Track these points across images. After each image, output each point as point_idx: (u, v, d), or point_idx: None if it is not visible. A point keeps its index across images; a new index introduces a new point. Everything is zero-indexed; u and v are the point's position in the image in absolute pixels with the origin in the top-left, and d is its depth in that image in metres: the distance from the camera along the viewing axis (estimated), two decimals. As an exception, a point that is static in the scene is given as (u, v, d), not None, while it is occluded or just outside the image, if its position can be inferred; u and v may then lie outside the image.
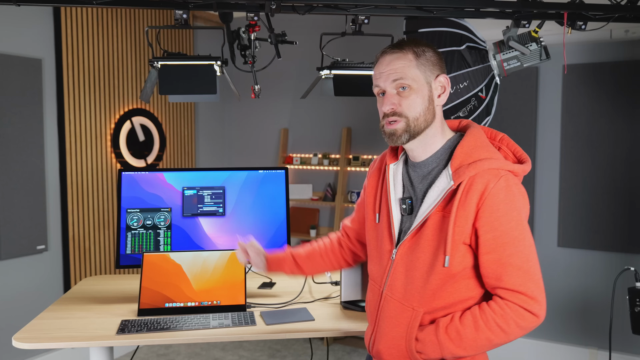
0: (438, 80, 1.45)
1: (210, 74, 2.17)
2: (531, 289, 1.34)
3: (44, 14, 3.56)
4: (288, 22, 3.04)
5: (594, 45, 3.60)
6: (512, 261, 1.34)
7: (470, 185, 1.36)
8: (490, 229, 1.34)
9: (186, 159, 4.72)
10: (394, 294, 1.47)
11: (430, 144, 1.47)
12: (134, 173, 2.28)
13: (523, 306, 1.33)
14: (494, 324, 1.35)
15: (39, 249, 3.51)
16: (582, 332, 3.74)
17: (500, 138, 1.53)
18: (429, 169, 1.47)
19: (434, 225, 1.40)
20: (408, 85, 1.41)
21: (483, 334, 1.36)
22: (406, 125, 1.42)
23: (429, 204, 1.41)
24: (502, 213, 1.34)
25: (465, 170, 1.37)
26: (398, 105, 1.42)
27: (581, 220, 3.68)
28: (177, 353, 4.09)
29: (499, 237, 1.34)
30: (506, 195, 1.35)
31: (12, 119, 3.34)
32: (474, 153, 1.41)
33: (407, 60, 1.41)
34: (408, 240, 1.44)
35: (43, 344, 1.82)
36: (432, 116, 1.45)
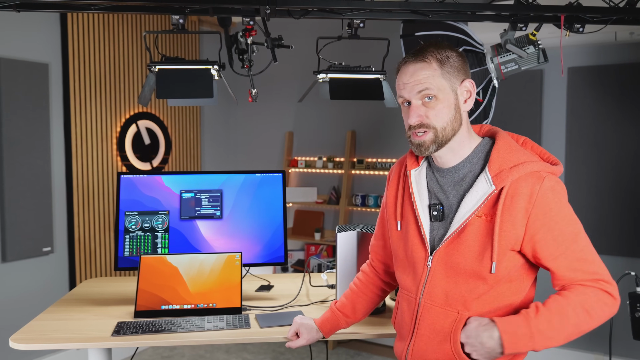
0: (463, 85, 1.42)
1: (207, 78, 2.19)
2: (604, 273, 1.35)
3: (50, 19, 3.62)
4: (286, 26, 3.07)
5: (599, 47, 3.58)
6: (578, 256, 1.35)
7: (515, 190, 1.35)
8: (548, 230, 1.34)
9: (192, 162, 4.76)
10: (435, 300, 1.43)
11: (459, 150, 1.45)
12: (132, 176, 2.31)
13: (603, 289, 1.34)
14: (580, 309, 1.33)
15: (45, 250, 3.56)
16: (586, 337, 3.69)
17: (523, 141, 1.51)
18: (461, 174, 1.44)
19: (475, 230, 1.37)
20: (434, 95, 1.38)
21: (571, 321, 1.33)
22: (434, 136, 1.40)
23: (467, 209, 1.39)
24: (554, 212, 1.35)
25: (507, 174, 1.36)
26: (425, 117, 1.39)
27: (586, 224, 3.59)
28: (181, 355, 4.11)
29: (558, 237, 1.34)
30: (554, 195, 1.35)
31: (20, 122, 3.39)
32: (512, 157, 1.39)
33: (431, 70, 1.38)
34: (445, 247, 1.41)
35: (40, 345, 1.84)
36: (459, 124, 1.42)
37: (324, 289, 2.41)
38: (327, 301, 2.26)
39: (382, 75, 2.38)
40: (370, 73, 2.37)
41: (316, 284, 2.46)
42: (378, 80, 2.38)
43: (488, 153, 1.44)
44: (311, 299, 2.28)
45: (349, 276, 2.11)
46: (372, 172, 4.43)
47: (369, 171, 4.45)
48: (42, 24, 3.57)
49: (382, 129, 4.46)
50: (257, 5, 2.03)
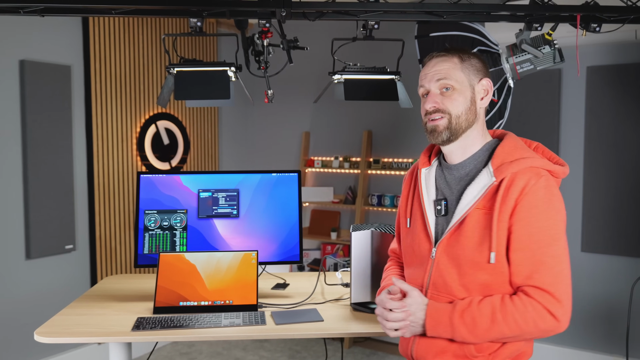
0: (481, 83, 1.50)
1: (224, 80, 2.23)
2: (559, 291, 1.33)
3: (73, 23, 3.70)
4: (301, 28, 3.10)
5: (618, 46, 3.54)
6: (545, 260, 1.34)
7: (512, 182, 1.39)
8: (526, 224, 1.36)
9: (210, 162, 4.82)
10: (440, 290, 1.47)
11: (470, 146, 1.50)
12: (151, 176, 2.36)
13: (547, 307, 1.33)
14: (511, 319, 1.34)
15: (67, 248, 3.65)
16: (605, 338, 3.67)
17: (535, 146, 1.56)
18: (466, 170, 1.50)
19: (474, 222, 1.42)
20: (451, 85, 1.46)
21: (498, 327, 1.35)
22: (448, 122, 1.46)
23: (467, 200, 1.44)
24: (540, 210, 1.36)
25: (507, 167, 1.41)
26: (441, 103, 1.46)
27: (605, 225, 3.62)
28: (199, 352, 4.17)
29: (534, 234, 1.35)
30: (545, 193, 1.37)
31: (43, 123, 3.48)
32: (515, 152, 1.44)
33: (452, 63, 1.47)
34: (447, 238, 1.46)
35: (63, 339, 1.90)
36: (473, 117, 1.49)
37: (339, 287, 2.43)
38: (341, 299, 2.28)
39: (397, 76, 2.40)
40: (385, 74, 2.39)
41: (331, 283, 2.48)
42: (393, 81, 2.39)
43: (494, 151, 1.49)
44: (326, 297, 2.31)
45: (363, 274, 2.14)
46: (388, 172, 4.45)
47: (385, 171, 4.46)
48: (64, 28, 3.65)
49: (399, 129, 4.47)
50: (273, 7, 2.07)
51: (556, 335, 3.81)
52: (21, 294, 3.42)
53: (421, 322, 1.42)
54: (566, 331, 3.93)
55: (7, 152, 3.34)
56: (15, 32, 3.37)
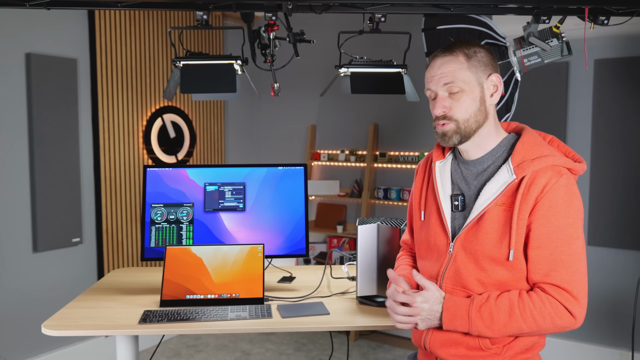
0: (490, 79, 1.47)
1: (230, 73, 2.23)
2: (577, 289, 1.35)
3: (79, 16, 3.70)
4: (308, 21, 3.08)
5: (627, 39, 3.51)
6: (563, 258, 1.35)
7: (533, 180, 1.38)
8: (546, 222, 1.36)
9: (216, 156, 4.83)
10: (455, 285, 1.47)
11: (485, 143, 1.49)
12: (158, 169, 2.36)
13: (564, 304, 1.34)
14: (529, 315, 1.35)
15: (74, 241, 3.67)
16: (612, 332, 3.66)
17: (550, 139, 1.55)
18: (484, 166, 1.49)
19: (493, 218, 1.42)
20: (459, 87, 1.43)
21: (515, 322, 1.36)
22: (457, 127, 1.45)
23: (486, 197, 1.43)
24: (560, 209, 1.36)
25: (528, 165, 1.40)
26: (449, 108, 1.45)
27: (612, 219, 3.61)
28: (205, 344, 4.19)
29: (553, 233, 1.36)
30: (566, 192, 1.37)
31: (49, 116, 3.49)
32: (535, 150, 1.43)
33: (458, 63, 1.44)
34: (465, 233, 1.46)
35: (70, 332, 1.91)
36: (483, 117, 1.47)
37: (345, 280, 2.44)
38: (347, 293, 2.28)
39: (404, 69, 2.39)
40: (392, 67, 2.38)
41: (337, 276, 2.49)
42: (399, 74, 2.38)
43: (512, 146, 1.48)
44: (332, 290, 2.32)
45: (369, 268, 2.14)
46: (395, 165, 4.44)
47: (392, 164, 4.45)
48: (70, 21, 3.65)
49: (405, 122, 4.46)
50: (279, 0, 2.06)
51: (562, 329, 3.80)
52: (28, 287, 3.45)
53: (438, 315, 1.42)
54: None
55: (14, 145, 3.36)
56: (21, 25, 3.37)
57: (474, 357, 1.45)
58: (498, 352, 1.44)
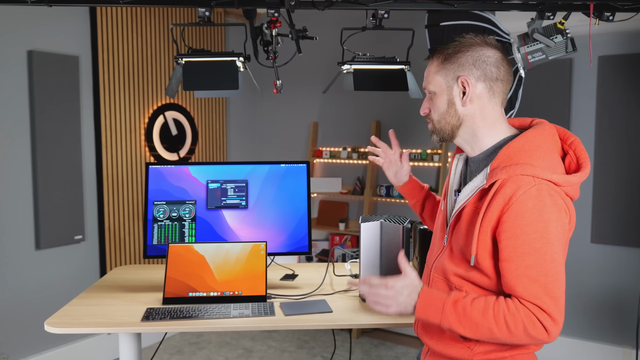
0: (459, 82, 1.45)
1: (232, 70, 2.22)
2: (547, 304, 1.29)
3: (80, 13, 3.69)
4: (310, 17, 3.07)
5: (631, 35, 3.49)
6: (529, 273, 1.30)
7: (500, 188, 1.35)
8: (512, 235, 1.32)
9: (218, 153, 4.82)
10: (440, 272, 1.51)
11: (478, 142, 1.50)
12: (160, 166, 2.36)
13: (538, 317, 1.30)
14: (502, 319, 1.32)
15: (76, 239, 3.66)
16: (615, 330, 3.65)
17: (571, 142, 1.49)
18: (478, 164, 1.51)
19: (466, 219, 1.44)
20: (432, 91, 1.52)
21: (487, 323, 1.32)
22: (433, 127, 1.54)
23: (462, 196, 1.46)
24: (526, 222, 1.31)
25: (499, 171, 1.36)
26: (427, 109, 1.54)
27: (615, 216, 3.59)
28: (208, 342, 4.19)
29: (519, 247, 1.31)
30: (535, 204, 1.31)
31: (51, 114, 3.48)
32: (515, 156, 1.38)
33: (432, 67, 1.51)
34: (450, 229, 1.50)
35: (73, 329, 1.91)
36: (455, 119, 1.47)
37: (348, 278, 2.43)
38: (350, 290, 2.28)
39: (407, 66, 2.37)
40: (395, 64, 2.36)
41: (340, 274, 2.48)
42: (402, 71, 2.37)
43: None
44: (335, 288, 2.31)
45: (372, 266, 2.13)
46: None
47: (394, 162, 4.43)
48: (72, 18, 3.64)
49: (407, 119, 4.44)
50: (281, -3, 2.05)
51: (565, 326, 3.80)
52: (31, 284, 3.44)
53: (413, 303, 1.41)
54: (575, 322, 3.91)
55: (16, 143, 3.35)
56: (22, 22, 3.36)
57: (451, 347, 1.46)
58: (470, 347, 1.43)
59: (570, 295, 3.78)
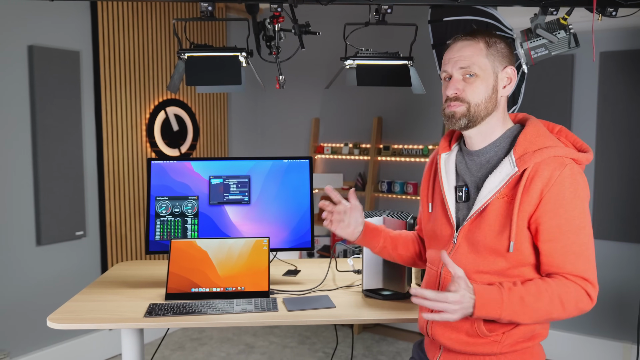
0: (505, 71, 1.49)
1: (235, 65, 2.21)
2: (592, 275, 1.40)
3: (81, 8, 3.68)
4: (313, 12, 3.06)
5: (633, 31, 3.49)
6: (575, 249, 1.38)
7: (536, 172, 1.39)
8: (555, 216, 1.37)
9: (219, 149, 4.81)
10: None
11: (490, 133, 1.51)
12: (162, 162, 2.35)
13: (585, 289, 1.39)
14: (557, 299, 1.37)
15: (77, 235, 3.66)
16: (616, 326, 3.66)
17: (559, 130, 1.55)
18: (487, 157, 1.50)
19: (496, 210, 1.43)
20: (474, 73, 1.45)
21: (544, 306, 1.37)
22: (466, 110, 1.46)
23: (489, 189, 1.44)
24: (567, 201, 1.37)
25: (530, 157, 1.40)
26: (462, 90, 1.46)
27: (616, 212, 3.59)
28: (209, 337, 4.20)
29: (563, 225, 1.37)
30: (571, 183, 1.38)
31: (52, 109, 3.47)
32: (537, 141, 1.44)
33: (477, 49, 1.46)
34: (469, 224, 1.48)
35: (75, 325, 1.91)
36: (493, 105, 1.48)
37: (350, 274, 2.43)
38: (353, 286, 2.28)
39: (410, 62, 2.37)
40: (398, 59, 2.36)
41: (342, 269, 2.48)
42: (405, 67, 2.37)
43: (515, 137, 1.49)
44: (337, 283, 2.31)
45: (374, 262, 2.13)
46: (399, 158, 4.42)
47: (395, 158, 4.43)
48: (73, 13, 3.63)
49: (409, 115, 4.44)
50: (284, -9, 2.04)
51: (566, 321, 3.80)
52: (32, 280, 3.44)
53: (472, 302, 1.37)
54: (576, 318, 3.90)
55: (17, 138, 3.35)
56: (23, 17, 3.35)
57: (474, 344, 1.47)
58: (497, 340, 1.45)
59: (572, 291, 3.78)
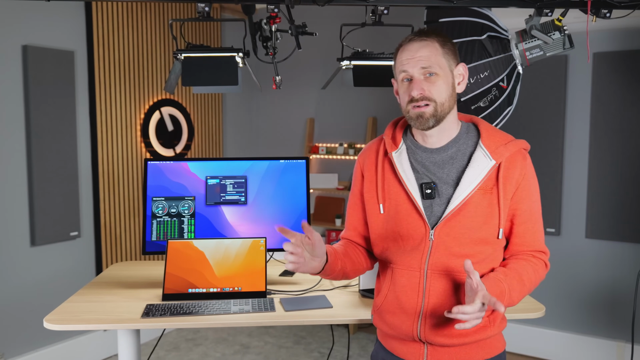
0: (458, 68, 1.54)
1: (232, 66, 2.22)
2: (544, 245, 1.58)
3: (76, 8, 3.66)
4: (309, 13, 3.06)
5: (625, 32, 3.52)
6: (538, 227, 1.55)
7: (510, 163, 1.50)
8: (528, 200, 1.52)
9: (214, 149, 4.81)
10: (441, 269, 1.50)
11: (448, 130, 1.54)
12: (159, 162, 2.35)
13: (545, 261, 1.57)
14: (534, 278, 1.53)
15: (72, 235, 3.65)
16: (609, 324, 3.69)
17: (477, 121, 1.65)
18: (449, 153, 1.53)
19: (477, 202, 1.48)
20: (435, 72, 1.48)
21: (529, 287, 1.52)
22: (434, 110, 1.47)
23: (468, 182, 1.48)
24: (533, 186, 1.54)
25: (503, 150, 1.50)
26: (427, 90, 1.47)
27: (610, 211, 3.62)
28: (204, 338, 4.19)
29: (533, 208, 1.53)
30: (532, 170, 1.55)
31: (47, 109, 3.46)
32: (499, 135, 1.55)
33: (434, 48, 1.48)
34: (448, 220, 1.48)
35: (72, 326, 1.91)
36: (453, 102, 1.53)
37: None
38: (349, 286, 2.29)
39: (406, 62, 2.38)
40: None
41: (339, 269, 2.48)
42: (401, 67, 2.37)
43: (472, 134, 1.56)
44: (334, 284, 2.32)
45: (372, 262, 2.13)
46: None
47: (390, 158, 4.44)
48: (67, 13, 3.62)
49: (403, 115, 4.45)
50: (281, -8, 2.04)
51: (560, 320, 3.82)
52: (26, 280, 3.43)
53: None
54: (570, 317, 3.92)
55: (11, 138, 3.33)
56: (18, 17, 3.34)
57: (467, 333, 1.50)
58: (488, 325, 1.52)
59: (565, 290, 3.81)
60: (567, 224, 3.79)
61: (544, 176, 3.78)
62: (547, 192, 3.78)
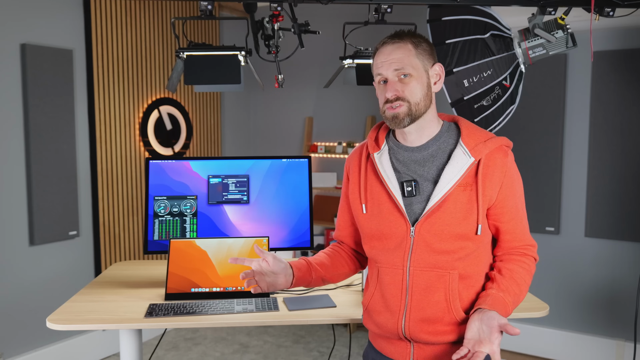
0: (434, 68, 1.56)
1: (234, 64, 2.21)
2: (532, 239, 1.60)
3: (74, 6, 3.64)
4: (312, 11, 3.05)
5: (625, 31, 3.52)
6: (525, 222, 1.59)
7: (490, 160, 1.51)
8: (512, 197, 1.54)
9: (212, 148, 4.79)
10: (423, 266, 1.52)
11: (427, 129, 1.56)
12: (161, 161, 2.34)
13: (534, 255, 1.59)
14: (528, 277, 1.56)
15: (71, 234, 3.63)
16: (609, 323, 3.70)
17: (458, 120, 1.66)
18: (430, 151, 1.55)
19: (456, 198, 1.50)
20: (409, 73, 1.50)
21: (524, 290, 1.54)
22: (408, 110, 1.50)
23: (448, 179, 1.49)
24: (516, 183, 1.56)
25: (482, 147, 1.51)
26: (401, 91, 1.50)
27: (609, 210, 3.63)
28: (203, 337, 4.18)
29: (518, 204, 1.56)
30: (514, 167, 1.56)
31: (45, 108, 3.43)
32: (480, 133, 1.56)
33: (407, 50, 1.51)
34: (427, 217, 1.50)
35: (75, 326, 1.89)
36: (429, 101, 1.55)
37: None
38: (352, 285, 2.28)
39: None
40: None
41: (341, 269, 2.48)
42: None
43: (453, 132, 1.58)
44: (337, 283, 2.31)
45: (375, 261, 2.13)
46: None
47: (389, 157, 4.44)
48: (66, 11, 3.60)
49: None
50: (285, -10, 2.03)
51: (559, 319, 3.83)
52: (25, 280, 3.41)
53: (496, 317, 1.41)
54: (569, 315, 3.93)
55: (10, 137, 3.31)
56: (16, 15, 3.31)
57: (452, 331, 1.52)
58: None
59: (565, 288, 3.82)
60: (566, 223, 3.79)
61: (543, 175, 3.78)
62: (546, 191, 3.78)
